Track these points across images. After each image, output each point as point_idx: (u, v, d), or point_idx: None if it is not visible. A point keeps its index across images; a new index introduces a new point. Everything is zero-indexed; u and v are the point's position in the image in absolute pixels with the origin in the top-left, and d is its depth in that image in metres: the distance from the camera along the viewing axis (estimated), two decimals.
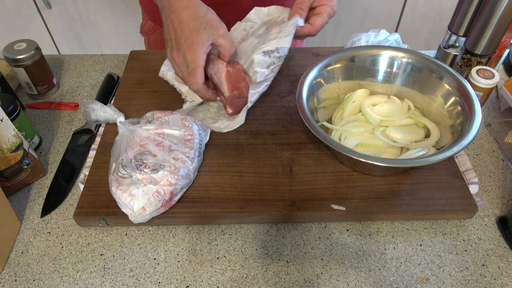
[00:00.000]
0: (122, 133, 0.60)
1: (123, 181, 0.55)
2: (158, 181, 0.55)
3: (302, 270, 0.54)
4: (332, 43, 1.80)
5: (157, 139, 0.60)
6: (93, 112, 0.62)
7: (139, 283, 0.53)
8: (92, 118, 0.63)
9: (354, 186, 0.59)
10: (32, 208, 0.61)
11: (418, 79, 0.68)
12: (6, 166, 0.58)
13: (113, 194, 0.55)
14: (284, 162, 0.63)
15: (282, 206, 0.57)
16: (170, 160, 0.57)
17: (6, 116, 0.56)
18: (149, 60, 0.82)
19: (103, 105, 0.63)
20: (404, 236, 0.57)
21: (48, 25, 1.70)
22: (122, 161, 0.57)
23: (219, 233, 0.58)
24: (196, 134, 0.62)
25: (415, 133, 0.64)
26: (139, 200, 0.53)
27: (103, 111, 0.63)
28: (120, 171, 0.56)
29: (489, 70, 0.71)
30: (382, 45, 0.71)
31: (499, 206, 0.61)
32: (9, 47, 0.74)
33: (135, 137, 0.59)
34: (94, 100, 0.64)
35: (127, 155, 0.57)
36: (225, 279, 0.53)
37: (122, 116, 0.63)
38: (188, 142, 0.61)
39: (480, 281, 0.53)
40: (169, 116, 0.64)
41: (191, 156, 0.59)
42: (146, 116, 0.65)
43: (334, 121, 0.68)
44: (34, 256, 0.56)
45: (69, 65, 0.88)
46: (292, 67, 0.81)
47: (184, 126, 0.63)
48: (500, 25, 0.69)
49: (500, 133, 0.71)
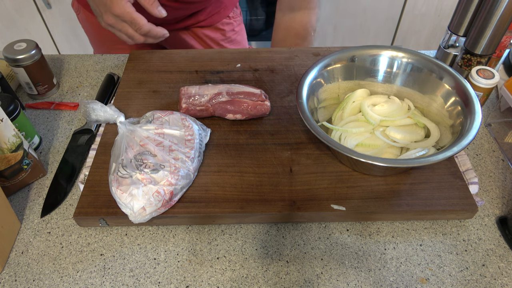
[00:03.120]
0: (122, 133, 0.60)
1: (123, 181, 0.55)
2: (158, 181, 0.55)
3: (302, 270, 0.54)
4: (332, 43, 1.80)
5: (157, 139, 0.60)
6: (93, 112, 0.62)
7: (139, 283, 0.53)
8: (92, 118, 0.63)
9: (354, 186, 0.59)
10: (32, 208, 0.61)
11: (418, 79, 0.68)
12: (6, 166, 0.58)
13: (113, 194, 0.55)
14: (284, 162, 0.63)
15: (282, 206, 0.57)
16: (170, 160, 0.57)
17: (6, 116, 0.56)
18: (149, 60, 0.83)
19: (103, 105, 0.63)
20: (404, 236, 0.57)
21: (48, 25, 1.70)
22: (122, 161, 0.57)
23: (219, 233, 0.58)
24: (196, 134, 0.62)
25: (415, 133, 0.64)
26: (139, 200, 0.53)
27: (103, 111, 0.62)
28: (120, 171, 0.56)
29: (489, 70, 0.71)
30: (382, 45, 0.71)
31: (499, 206, 0.61)
32: (9, 47, 0.74)
33: (135, 137, 0.59)
34: (94, 100, 0.64)
35: (127, 155, 0.57)
36: (225, 279, 0.53)
37: (122, 116, 0.63)
38: (188, 142, 0.61)
39: (480, 281, 0.53)
40: (169, 116, 0.64)
41: (191, 156, 0.59)
42: (146, 116, 0.65)
43: (334, 121, 0.68)
44: (34, 256, 0.56)
45: (69, 65, 0.88)
46: (292, 67, 0.81)
47: (184, 126, 0.63)
48: (500, 25, 0.69)
49: (500, 133, 0.71)
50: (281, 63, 0.82)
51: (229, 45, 1.04)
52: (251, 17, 1.84)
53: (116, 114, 0.63)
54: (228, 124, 0.69)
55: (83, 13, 0.97)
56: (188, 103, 0.67)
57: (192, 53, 0.84)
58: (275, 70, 0.80)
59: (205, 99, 0.68)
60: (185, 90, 0.69)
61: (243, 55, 0.84)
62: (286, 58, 0.83)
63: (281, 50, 0.85)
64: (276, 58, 0.83)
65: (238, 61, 0.82)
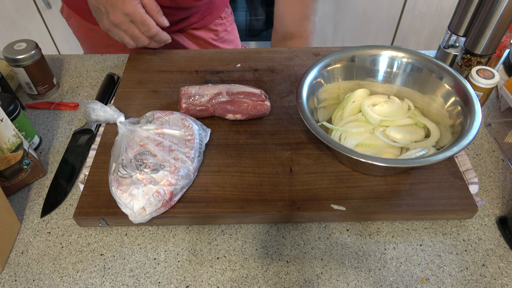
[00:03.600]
0: (122, 133, 0.60)
1: (123, 181, 0.55)
2: (158, 181, 0.55)
3: (302, 270, 0.54)
4: (332, 43, 1.80)
5: (157, 139, 0.60)
6: (93, 112, 0.62)
7: (139, 283, 0.53)
8: (92, 118, 0.63)
9: (354, 186, 0.59)
10: (32, 208, 0.61)
11: (418, 79, 0.68)
12: (6, 166, 0.58)
13: (113, 194, 0.55)
14: (284, 162, 0.63)
15: (282, 206, 0.57)
16: (170, 160, 0.57)
17: (6, 116, 0.56)
18: (149, 60, 0.83)
19: (103, 105, 0.63)
20: (404, 236, 0.57)
21: (48, 25, 1.70)
22: (122, 161, 0.57)
23: (219, 233, 0.58)
24: (196, 134, 0.62)
25: (415, 133, 0.64)
26: (139, 200, 0.53)
27: (103, 111, 0.62)
28: (120, 171, 0.56)
29: (489, 70, 0.71)
30: (382, 45, 0.71)
31: (499, 206, 0.61)
32: (9, 47, 0.74)
33: (135, 137, 0.59)
34: (94, 100, 0.64)
35: (127, 155, 0.57)
36: (225, 279, 0.53)
37: (122, 116, 0.63)
38: (188, 142, 0.61)
39: (480, 281, 0.53)
40: (169, 116, 0.64)
41: (191, 156, 0.59)
42: (146, 116, 0.65)
43: (334, 121, 0.68)
44: (34, 256, 0.56)
45: (69, 65, 0.88)
46: (292, 67, 0.81)
47: (184, 126, 0.63)
48: (500, 25, 0.69)
49: (500, 133, 0.71)
50: (281, 63, 0.82)
51: (223, 45, 1.05)
52: (251, 17, 1.84)
53: (116, 114, 0.63)
54: (228, 124, 0.69)
55: (74, 19, 0.97)
56: (188, 103, 0.67)
57: (192, 53, 0.84)
58: (275, 70, 0.80)
59: (205, 99, 0.68)
60: (185, 90, 0.69)
61: (243, 55, 0.84)
62: (286, 58, 0.83)
63: (281, 50, 0.85)
64: (276, 58, 0.83)
65: (238, 61, 0.82)
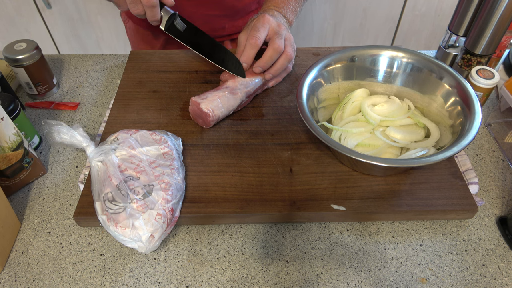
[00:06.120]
0: (95, 166, 0.56)
1: (118, 216, 0.51)
2: (155, 202, 0.52)
3: (302, 270, 0.54)
4: (332, 43, 1.80)
5: (134, 161, 0.57)
6: (58, 135, 0.56)
7: (139, 283, 0.53)
8: (57, 140, 0.57)
9: (354, 186, 0.59)
10: (32, 208, 0.61)
11: (418, 79, 0.68)
12: (8, 165, 0.58)
13: (112, 234, 0.51)
14: (284, 162, 0.63)
15: (282, 206, 0.57)
16: (157, 178, 0.55)
17: (6, 115, 0.56)
18: (149, 60, 0.83)
19: (70, 128, 0.57)
20: (404, 236, 0.57)
21: (48, 25, 1.70)
22: (107, 197, 0.53)
23: (219, 233, 0.58)
24: (171, 144, 0.60)
25: (415, 133, 0.64)
26: (144, 230, 0.50)
27: (70, 135, 0.56)
28: (110, 208, 0.52)
29: (489, 70, 0.71)
30: (382, 45, 0.71)
31: (499, 206, 0.61)
32: (9, 47, 0.74)
33: (110, 166, 0.55)
34: (60, 122, 0.58)
35: (110, 188, 0.53)
36: (225, 279, 0.53)
37: (92, 145, 0.57)
38: (166, 154, 0.59)
39: (480, 281, 0.53)
40: (136, 135, 0.61)
41: (176, 167, 0.57)
42: (112, 138, 0.60)
43: (334, 121, 0.68)
44: (34, 256, 0.56)
45: (69, 65, 0.88)
46: (292, 67, 0.81)
47: (156, 141, 0.60)
48: (500, 25, 0.69)
49: (500, 133, 0.71)
50: None
51: None
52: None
53: (85, 142, 0.56)
54: (228, 124, 0.69)
55: (131, 22, 1.04)
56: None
57: (192, 53, 0.84)
58: None
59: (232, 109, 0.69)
60: (213, 117, 0.66)
61: None
62: None
63: None
64: None
65: None
